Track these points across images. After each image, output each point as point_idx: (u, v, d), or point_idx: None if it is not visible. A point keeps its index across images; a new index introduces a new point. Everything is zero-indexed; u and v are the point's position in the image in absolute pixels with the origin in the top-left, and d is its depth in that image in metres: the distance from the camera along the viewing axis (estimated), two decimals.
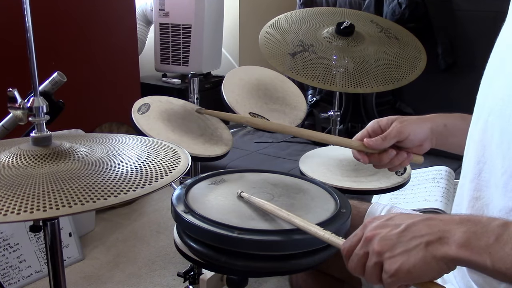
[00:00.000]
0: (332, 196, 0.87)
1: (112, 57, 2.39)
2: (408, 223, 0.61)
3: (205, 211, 0.78)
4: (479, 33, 2.01)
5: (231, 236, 0.71)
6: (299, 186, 0.92)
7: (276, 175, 0.97)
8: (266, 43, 1.46)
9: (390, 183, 1.05)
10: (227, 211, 0.80)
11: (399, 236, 0.60)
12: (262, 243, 0.71)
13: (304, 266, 0.76)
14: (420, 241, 0.58)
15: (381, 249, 0.60)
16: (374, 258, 0.60)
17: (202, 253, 0.76)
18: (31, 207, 0.61)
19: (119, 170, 0.71)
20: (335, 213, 0.79)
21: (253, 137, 2.28)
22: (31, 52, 0.79)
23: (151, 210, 2.33)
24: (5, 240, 1.70)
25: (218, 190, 0.88)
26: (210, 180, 0.92)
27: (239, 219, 0.77)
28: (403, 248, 0.59)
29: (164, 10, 2.77)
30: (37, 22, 0.81)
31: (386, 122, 0.94)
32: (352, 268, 0.64)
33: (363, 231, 0.63)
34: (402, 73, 1.41)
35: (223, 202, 0.84)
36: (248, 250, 0.72)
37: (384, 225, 0.62)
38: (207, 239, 0.75)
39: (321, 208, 0.82)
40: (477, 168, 0.74)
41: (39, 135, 0.78)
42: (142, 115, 1.09)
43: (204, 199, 0.84)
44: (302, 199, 0.86)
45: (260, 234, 0.72)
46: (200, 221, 0.75)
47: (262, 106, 1.26)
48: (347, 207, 0.82)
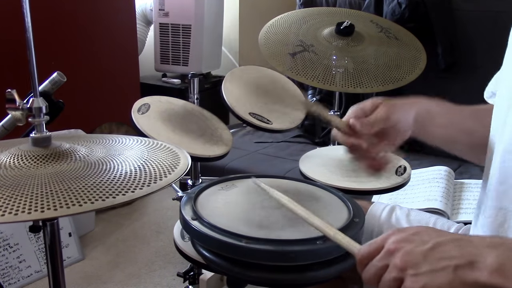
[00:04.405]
0: (346, 204, 0.83)
1: (112, 57, 2.39)
2: (436, 241, 0.57)
3: (214, 218, 0.74)
4: (479, 33, 2.01)
5: (238, 245, 0.68)
6: (311, 193, 0.88)
7: (289, 181, 0.93)
8: (266, 43, 1.46)
9: (390, 183, 1.05)
10: (236, 218, 0.77)
11: (425, 254, 0.56)
12: (270, 253, 0.68)
13: (321, 278, 0.72)
14: (449, 263, 0.55)
15: (404, 265, 0.56)
16: (394, 273, 0.57)
17: (213, 262, 0.74)
18: (29, 207, 0.60)
19: (119, 171, 0.71)
20: (347, 222, 0.76)
21: (253, 137, 2.28)
22: (30, 52, 0.78)
23: (151, 210, 2.33)
24: (5, 240, 1.70)
25: (229, 196, 0.85)
26: (221, 185, 0.89)
27: (248, 227, 0.73)
28: (429, 267, 0.55)
29: (164, 10, 2.77)
30: (37, 22, 0.81)
31: (371, 106, 0.87)
32: (367, 278, 0.61)
33: (384, 242, 0.60)
34: (402, 73, 1.41)
35: (233, 208, 0.82)
36: (256, 260, 0.69)
37: (409, 240, 0.58)
38: (214, 248, 0.72)
39: (333, 217, 0.79)
40: (503, 176, 0.71)
41: (39, 136, 0.78)
42: (142, 115, 1.08)
43: (213, 206, 0.81)
44: (314, 207, 0.82)
45: (269, 243, 0.69)
46: (208, 229, 0.72)
47: (262, 106, 1.26)
48: (361, 216, 0.78)
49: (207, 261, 0.76)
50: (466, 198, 1.54)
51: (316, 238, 0.70)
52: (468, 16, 2.02)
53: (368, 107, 0.87)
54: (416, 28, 1.84)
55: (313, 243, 0.69)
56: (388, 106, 0.86)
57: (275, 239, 0.70)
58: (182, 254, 0.87)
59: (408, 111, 0.86)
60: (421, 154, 2.02)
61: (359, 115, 0.87)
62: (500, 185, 0.73)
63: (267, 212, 0.78)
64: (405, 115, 0.85)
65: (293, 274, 0.71)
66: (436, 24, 2.04)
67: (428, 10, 2.04)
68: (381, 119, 0.85)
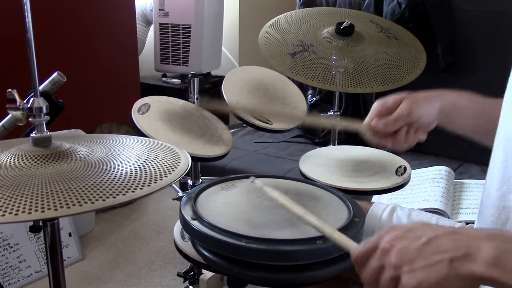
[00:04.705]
0: (346, 204, 0.84)
1: (112, 57, 2.39)
2: (430, 236, 0.56)
3: (214, 218, 0.75)
4: (479, 33, 2.01)
5: (238, 245, 0.68)
6: (311, 193, 0.89)
7: (289, 181, 0.94)
8: (266, 43, 1.46)
9: (390, 183, 1.04)
10: (236, 218, 0.77)
11: (420, 249, 0.55)
12: (269, 252, 0.68)
13: (320, 278, 0.73)
14: (443, 256, 0.54)
15: (399, 262, 0.55)
16: (390, 272, 0.56)
17: (213, 262, 0.74)
18: (29, 207, 0.60)
19: (119, 171, 0.71)
20: (347, 222, 0.76)
21: (253, 137, 2.28)
22: (31, 52, 0.78)
23: (151, 210, 2.33)
24: (5, 240, 1.70)
25: (228, 196, 0.85)
26: (220, 185, 0.89)
27: (247, 227, 0.74)
28: (424, 262, 0.54)
29: (164, 10, 2.77)
30: (37, 22, 0.81)
31: (393, 102, 0.89)
32: (366, 279, 0.60)
33: (379, 241, 0.59)
34: (402, 73, 1.41)
35: (233, 208, 0.82)
36: (256, 260, 0.70)
37: (403, 237, 0.57)
38: (214, 247, 0.73)
39: (333, 217, 0.79)
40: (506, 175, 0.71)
41: (39, 136, 0.78)
42: (142, 115, 1.08)
43: (213, 206, 0.81)
44: (314, 207, 0.83)
45: (269, 243, 0.69)
46: (208, 229, 0.72)
47: None
48: (361, 216, 0.79)
49: (207, 261, 0.76)
50: (466, 198, 1.54)
51: (316, 237, 0.70)
52: (468, 16, 2.02)
53: (390, 104, 0.89)
54: (416, 28, 1.84)
55: (313, 242, 0.69)
56: (411, 101, 0.87)
57: (274, 238, 0.70)
58: (182, 254, 0.87)
59: (431, 104, 0.87)
60: (421, 154, 2.02)
61: (382, 113, 0.89)
62: (503, 184, 0.73)
63: (267, 212, 0.78)
64: (429, 108, 0.87)
65: (293, 274, 0.71)
66: (436, 24, 2.04)
67: (428, 10, 2.04)
68: (404, 115, 0.86)
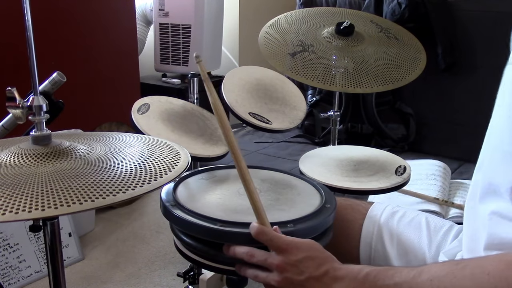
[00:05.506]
0: (319, 191, 0.89)
1: (112, 57, 2.39)
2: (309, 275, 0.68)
3: (192, 204, 0.80)
4: (479, 33, 2.01)
5: (213, 228, 0.73)
6: (287, 182, 0.93)
7: (267, 171, 0.98)
8: (266, 43, 1.46)
9: (390, 183, 1.05)
10: (214, 205, 0.82)
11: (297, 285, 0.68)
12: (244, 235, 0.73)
13: None
14: None
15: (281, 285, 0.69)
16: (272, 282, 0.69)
17: (191, 245, 0.79)
18: (29, 206, 0.60)
19: (119, 169, 0.71)
20: (318, 207, 0.81)
21: (253, 137, 2.28)
22: (31, 52, 0.78)
23: (151, 210, 2.33)
24: (5, 240, 1.70)
25: (208, 185, 0.90)
26: (201, 175, 0.94)
27: (224, 213, 0.78)
28: None
29: (164, 10, 2.77)
30: (37, 22, 0.81)
31: None
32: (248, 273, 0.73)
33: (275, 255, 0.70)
34: (401, 73, 1.41)
35: (211, 197, 0.86)
36: (231, 242, 0.74)
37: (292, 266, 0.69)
38: (193, 232, 0.77)
39: (306, 203, 0.84)
40: None
41: (39, 134, 0.78)
42: (142, 115, 1.09)
43: (193, 194, 0.86)
44: (288, 194, 0.88)
45: (243, 227, 0.73)
46: (187, 215, 0.77)
47: (262, 106, 1.26)
48: (332, 202, 0.84)
49: (185, 244, 0.81)
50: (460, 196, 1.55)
51: (287, 221, 0.76)
52: (468, 16, 2.02)
53: None
54: (416, 28, 1.84)
55: (284, 226, 0.75)
56: None
57: (247, 222, 0.74)
58: (182, 254, 0.87)
59: None
60: (421, 154, 2.03)
61: None
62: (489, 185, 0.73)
63: (243, 199, 0.81)
64: None
65: None
66: (436, 24, 2.05)
67: (428, 10, 2.05)
68: None
